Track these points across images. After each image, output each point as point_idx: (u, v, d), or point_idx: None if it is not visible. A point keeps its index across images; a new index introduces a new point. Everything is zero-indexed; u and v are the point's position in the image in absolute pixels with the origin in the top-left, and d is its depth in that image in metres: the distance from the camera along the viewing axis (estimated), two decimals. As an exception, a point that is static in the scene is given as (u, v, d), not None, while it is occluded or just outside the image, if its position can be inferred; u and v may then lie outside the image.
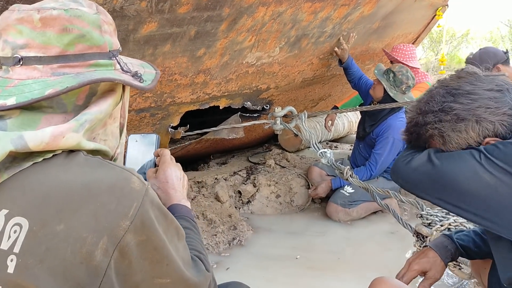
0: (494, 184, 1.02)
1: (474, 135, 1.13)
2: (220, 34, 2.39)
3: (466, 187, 1.06)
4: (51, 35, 0.75)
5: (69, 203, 0.69)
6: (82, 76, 0.77)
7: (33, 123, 0.74)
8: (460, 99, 1.15)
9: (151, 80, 0.89)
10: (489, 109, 1.12)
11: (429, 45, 15.20)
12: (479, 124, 1.13)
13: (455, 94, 1.16)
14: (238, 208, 3.36)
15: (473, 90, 1.15)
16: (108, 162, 0.77)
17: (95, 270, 0.69)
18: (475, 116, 1.13)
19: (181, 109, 2.86)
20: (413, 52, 3.66)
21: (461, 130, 1.14)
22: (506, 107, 1.12)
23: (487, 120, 1.12)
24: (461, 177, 1.07)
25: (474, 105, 1.13)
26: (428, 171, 1.14)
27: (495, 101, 1.12)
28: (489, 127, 1.12)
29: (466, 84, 1.17)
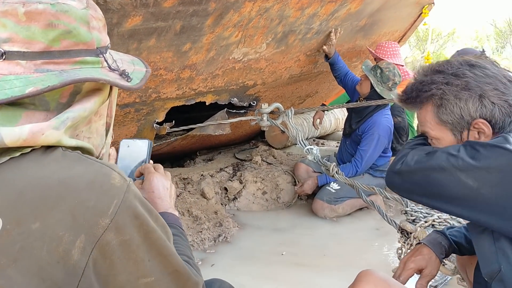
0: (477, 187, 1.05)
1: (471, 109, 1.13)
2: (206, 29, 2.37)
3: (451, 192, 1.10)
4: (36, 30, 0.72)
5: (45, 200, 0.67)
6: (66, 74, 0.74)
7: (13, 119, 0.71)
8: (475, 70, 1.15)
9: (139, 78, 0.86)
10: (497, 90, 1.12)
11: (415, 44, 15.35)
12: (480, 101, 1.12)
13: (473, 65, 1.16)
14: (224, 204, 3.35)
15: (490, 69, 1.15)
16: (87, 157, 0.74)
17: (73, 270, 0.67)
18: (482, 90, 1.12)
19: (166, 105, 2.83)
20: (396, 49, 3.69)
21: (462, 98, 1.14)
22: (510, 97, 1.13)
23: (490, 99, 1.12)
24: (446, 183, 1.10)
25: (486, 80, 1.13)
26: (417, 180, 1.18)
27: (505, 87, 1.13)
28: (488, 107, 1.12)
29: (486, 62, 1.17)
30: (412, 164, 1.18)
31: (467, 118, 1.14)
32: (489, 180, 1.04)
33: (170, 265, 0.79)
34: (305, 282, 2.29)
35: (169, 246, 0.79)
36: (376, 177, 3.33)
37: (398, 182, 1.24)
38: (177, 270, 0.80)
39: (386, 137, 3.20)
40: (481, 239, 1.15)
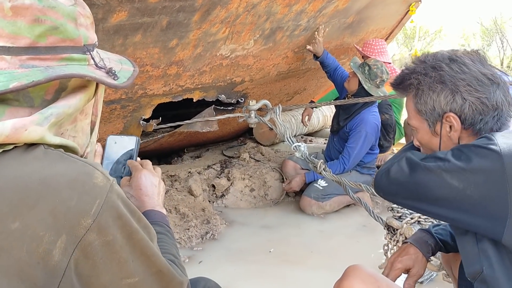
0: (462, 188, 1.06)
1: (442, 102, 1.15)
2: (193, 25, 2.35)
3: (437, 193, 1.11)
4: (22, 25, 0.71)
5: (25, 199, 0.65)
6: (52, 70, 0.72)
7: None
8: (453, 65, 1.15)
9: (126, 77, 0.85)
10: (470, 86, 1.12)
11: (403, 41, 15.46)
12: (452, 95, 1.14)
13: (453, 59, 1.17)
14: (211, 202, 3.34)
15: (469, 65, 1.15)
16: (69, 156, 0.73)
17: (53, 270, 0.66)
18: (455, 85, 1.13)
19: (153, 101, 2.81)
20: (383, 47, 3.70)
21: (435, 91, 1.16)
22: (485, 96, 1.12)
23: (462, 94, 1.13)
24: (432, 185, 1.11)
25: (460, 76, 1.14)
26: (403, 183, 1.19)
27: (479, 84, 1.12)
28: (458, 102, 1.13)
29: (469, 58, 1.17)
30: (401, 167, 1.19)
31: (439, 110, 1.16)
32: (474, 181, 1.04)
33: (153, 265, 0.78)
34: (292, 278, 2.29)
35: (152, 246, 0.79)
36: (363, 174, 3.35)
37: (384, 184, 1.25)
38: (161, 270, 0.79)
39: (374, 135, 3.21)
40: (464, 240, 1.15)
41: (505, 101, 1.13)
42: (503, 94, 1.13)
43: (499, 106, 1.12)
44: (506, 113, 1.14)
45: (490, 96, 1.11)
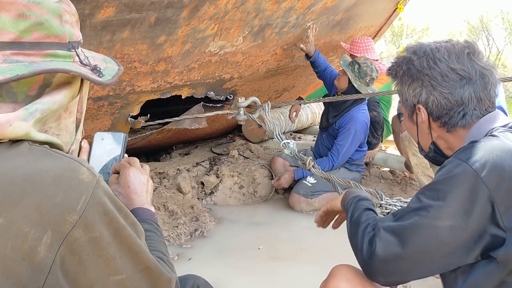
0: (459, 223, 1.00)
1: (411, 94, 1.19)
2: (181, 21, 2.34)
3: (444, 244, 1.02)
4: (6, 20, 0.70)
5: (9, 195, 0.65)
6: (36, 65, 0.72)
7: None
8: (422, 60, 1.18)
9: (111, 75, 0.84)
10: (433, 82, 1.15)
11: (390, 39, 15.56)
12: (420, 88, 1.17)
13: (426, 53, 1.19)
14: (200, 199, 3.33)
15: (439, 60, 1.16)
16: (54, 152, 0.72)
17: (39, 267, 0.65)
18: (420, 80, 1.17)
19: (141, 98, 2.78)
20: (370, 44, 3.71)
21: (406, 83, 1.21)
22: (448, 91, 1.13)
23: (426, 89, 1.16)
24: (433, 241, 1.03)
25: (426, 71, 1.16)
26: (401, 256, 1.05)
27: (444, 79, 1.14)
28: (423, 96, 1.17)
29: (446, 52, 1.17)
30: (387, 241, 1.06)
31: (410, 101, 1.21)
32: (463, 210, 0.99)
33: (141, 262, 0.78)
34: (282, 275, 2.29)
35: (140, 243, 0.78)
36: (352, 171, 3.37)
37: (380, 268, 1.08)
38: (149, 267, 0.79)
39: (363, 132, 3.23)
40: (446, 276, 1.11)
41: (474, 97, 1.12)
42: (473, 90, 1.12)
43: (464, 102, 1.12)
44: (473, 109, 1.13)
45: (455, 92, 1.12)
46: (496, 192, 0.97)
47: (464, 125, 1.14)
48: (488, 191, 0.98)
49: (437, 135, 1.20)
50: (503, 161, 0.99)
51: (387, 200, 2.21)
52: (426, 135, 1.23)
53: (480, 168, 0.99)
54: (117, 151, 1.12)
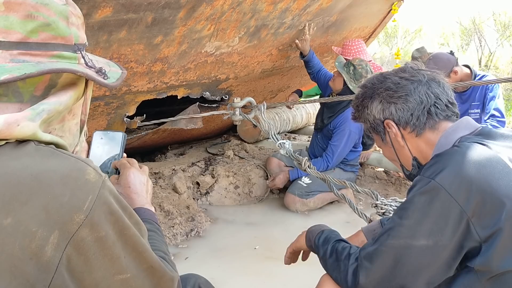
0: (433, 243, 1.01)
1: (375, 113, 1.24)
2: (178, 21, 2.34)
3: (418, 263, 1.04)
4: (14, 20, 0.71)
5: (17, 195, 0.65)
6: (43, 65, 0.72)
7: None
8: (373, 79, 1.26)
9: (116, 78, 0.85)
10: (388, 91, 1.21)
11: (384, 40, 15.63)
12: (380, 103, 1.22)
13: (375, 76, 1.27)
14: (196, 199, 3.33)
15: (388, 74, 1.24)
16: (61, 152, 0.73)
17: (46, 266, 0.66)
18: (377, 94, 1.23)
19: (137, 98, 2.79)
20: (361, 46, 3.71)
21: (366, 106, 1.26)
22: (405, 94, 1.18)
23: (385, 100, 1.21)
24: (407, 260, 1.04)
25: (378, 85, 1.23)
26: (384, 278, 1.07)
27: (397, 86, 1.20)
28: (386, 107, 1.21)
29: (392, 71, 1.26)
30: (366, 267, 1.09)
31: (378, 121, 1.24)
32: (436, 228, 1.00)
33: (145, 261, 0.79)
34: (278, 275, 2.30)
35: (143, 242, 0.79)
36: (347, 171, 3.38)
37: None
38: (152, 266, 0.80)
39: (357, 133, 3.25)
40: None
41: (431, 93, 1.17)
42: (427, 88, 1.18)
43: (423, 99, 1.17)
44: (434, 106, 1.17)
45: (411, 93, 1.18)
46: (467, 205, 0.98)
47: (432, 127, 1.18)
48: (459, 206, 0.98)
49: (413, 146, 1.22)
50: (468, 174, 1.00)
51: (382, 200, 2.23)
52: (404, 152, 1.24)
53: (448, 184, 1.00)
54: (116, 151, 1.12)
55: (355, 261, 1.13)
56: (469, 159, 1.02)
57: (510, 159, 1.03)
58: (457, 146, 1.08)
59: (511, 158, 1.03)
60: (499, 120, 3.13)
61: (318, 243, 1.30)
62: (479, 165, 1.01)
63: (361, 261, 1.10)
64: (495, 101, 3.19)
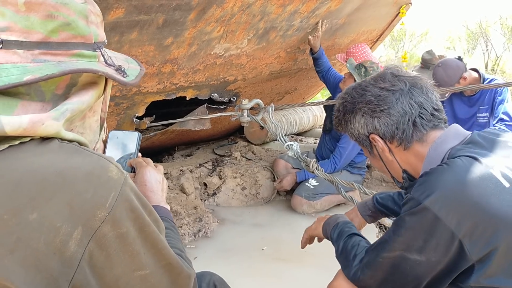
0: (426, 259, 1.02)
1: (359, 127, 1.19)
2: (188, 23, 2.36)
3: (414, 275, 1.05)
4: (35, 20, 0.72)
5: (42, 191, 0.66)
6: (64, 65, 0.73)
7: (8, 109, 0.70)
8: (353, 93, 1.21)
9: (134, 76, 0.86)
10: (369, 105, 1.16)
11: (390, 43, 15.61)
12: (363, 117, 1.18)
13: (354, 87, 1.23)
14: (203, 200, 3.35)
15: (367, 86, 1.18)
16: (84, 149, 0.74)
17: (69, 261, 0.67)
18: (358, 109, 1.18)
19: (147, 99, 2.81)
20: (365, 50, 3.70)
21: (349, 121, 1.21)
22: (387, 107, 1.13)
23: (368, 116, 1.16)
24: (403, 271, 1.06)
25: (359, 99, 1.18)
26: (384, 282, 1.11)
27: (378, 99, 1.15)
28: (369, 122, 1.17)
29: (371, 80, 1.20)
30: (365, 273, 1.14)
31: (363, 136, 1.20)
32: (429, 246, 1.00)
33: (163, 258, 0.80)
34: (286, 277, 2.31)
35: (162, 239, 0.80)
36: (354, 174, 3.39)
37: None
38: (170, 263, 0.81)
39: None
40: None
41: (414, 103, 1.12)
42: (410, 97, 1.12)
43: (406, 111, 1.12)
44: (419, 116, 1.12)
45: (394, 105, 1.12)
46: (459, 228, 0.95)
47: (420, 139, 1.13)
48: (450, 230, 0.96)
49: (402, 160, 1.18)
50: (459, 197, 0.96)
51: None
52: (394, 165, 1.21)
53: (438, 208, 0.97)
54: (131, 149, 1.14)
55: (359, 263, 1.17)
56: (459, 179, 0.98)
57: (502, 173, 0.99)
58: (446, 164, 1.03)
59: (503, 172, 0.99)
60: (507, 124, 3.12)
61: (333, 238, 1.36)
62: (470, 185, 0.97)
63: (363, 267, 1.15)
64: (504, 105, 3.19)
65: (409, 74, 1.19)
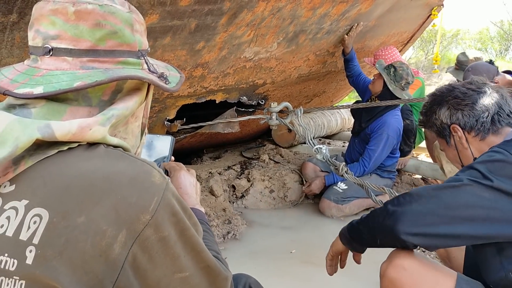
0: (493, 198, 1.10)
1: (443, 118, 1.39)
2: (220, 27, 2.39)
3: (471, 207, 1.12)
4: (84, 29, 0.75)
5: (90, 195, 0.69)
6: (111, 72, 0.76)
7: (57, 114, 0.73)
8: (442, 89, 1.43)
9: (175, 82, 0.89)
10: (456, 99, 1.37)
11: (419, 45, 15.33)
12: (448, 109, 1.38)
13: (446, 85, 1.45)
14: (232, 202, 3.37)
15: (455, 85, 1.41)
16: (128, 155, 0.76)
17: (113, 263, 0.69)
18: (446, 102, 1.39)
19: (178, 102, 2.85)
20: (393, 52, 3.66)
21: (435, 111, 1.41)
22: (471, 102, 1.34)
23: (453, 107, 1.37)
24: (463, 201, 1.13)
25: (448, 94, 1.40)
26: (433, 209, 1.14)
27: (464, 95, 1.36)
28: (453, 113, 1.37)
29: (460, 82, 1.42)
30: (426, 192, 1.18)
31: (445, 125, 1.39)
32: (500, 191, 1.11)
33: (202, 260, 0.81)
34: (315, 280, 2.30)
35: (201, 242, 0.82)
36: (384, 178, 3.35)
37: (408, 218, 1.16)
38: (209, 265, 0.83)
39: (395, 138, 3.20)
40: (484, 251, 1.19)
41: (495, 103, 1.31)
42: (491, 98, 1.32)
43: (487, 108, 1.31)
44: (497, 114, 1.31)
45: (477, 101, 1.33)
46: None
47: (495, 132, 1.32)
48: None
49: (475, 149, 1.35)
50: None
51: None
52: (467, 153, 1.38)
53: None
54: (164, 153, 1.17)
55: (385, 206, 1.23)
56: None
57: None
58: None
59: None
60: None
61: (352, 230, 1.39)
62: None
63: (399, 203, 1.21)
64: None
65: (492, 84, 1.40)
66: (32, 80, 0.74)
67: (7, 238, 0.68)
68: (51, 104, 0.74)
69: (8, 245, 0.67)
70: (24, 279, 0.66)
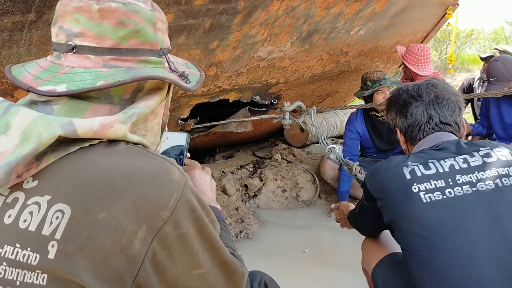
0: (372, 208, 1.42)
1: (391, 119, 1.51)
2: (234, 27, 2.40)
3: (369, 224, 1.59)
4: (107, 27, 0.75)
5: (111, 191, 0.69)
6: (134, 71, 0.76)
7: (79, 111, 0.74)
8: (394, 93, 1.52)
9: (195, 81, 0.88)
10: (397, 106, 1.48)
11: (432, 45, 15.18)
12: (391, 113, 1.51)
13: (398, 89, 1.53)
14: (244, 201, 3.38)
15: (402, 90, 1.49)
16: (148, 152, 0.77)
17: (133, 259, 0.69)
18: (392, 107, 1.51)
19: (191, 101, 2.86)
20: (427, 56, 3.45)
21: (388, 111, 1.54)
22: (406, 111, 1.43)
23: (394, 113, 1.49)
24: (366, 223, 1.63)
25: (393, 99, 1.50)
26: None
27: (404, 103, 1.45)
28: (395, 118, 1.49)
29: (411, 85, 1.49)
30: None
31: (392, 125, 1.53)
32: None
33: (219, 257, 0.82)
34: (329, 280, 2.30)
35: (219, 239, 0.82)
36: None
37: None
38: (226, 262, 0.83)
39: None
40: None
41: (426, 114, 1.40)
42: (425, 108, 1.40)
43: (418, 119, 1.41)
44: (425, 124, 1.40)
45: (412, 111, 1.42)
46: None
47: (420, 139, 1.43)
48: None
49: (412, 151, 1.47)
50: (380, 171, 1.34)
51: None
52: (407, 153, 1.50)
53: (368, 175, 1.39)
54: (180, 151, 1.17)
55: None
56: (388, 162, 1.36)
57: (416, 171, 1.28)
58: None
59: (418, 171, 1.27)
60: None
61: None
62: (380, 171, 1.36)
63: None
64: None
65: (445, 88, 1.44)
66: (55, 77, 0.75)
67: (30, 233, 0.68)
68: (73, 101, 0.74)
69: (31, 239, 0.68)
70: (47, 273, 0.67)
